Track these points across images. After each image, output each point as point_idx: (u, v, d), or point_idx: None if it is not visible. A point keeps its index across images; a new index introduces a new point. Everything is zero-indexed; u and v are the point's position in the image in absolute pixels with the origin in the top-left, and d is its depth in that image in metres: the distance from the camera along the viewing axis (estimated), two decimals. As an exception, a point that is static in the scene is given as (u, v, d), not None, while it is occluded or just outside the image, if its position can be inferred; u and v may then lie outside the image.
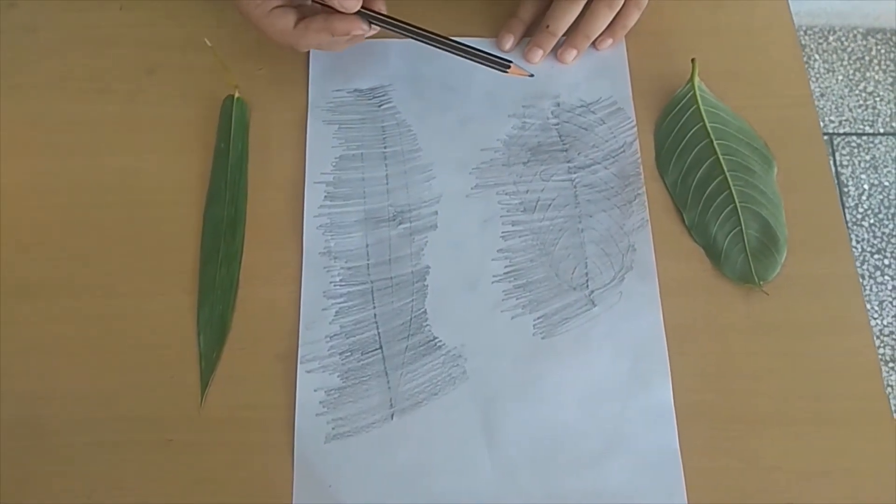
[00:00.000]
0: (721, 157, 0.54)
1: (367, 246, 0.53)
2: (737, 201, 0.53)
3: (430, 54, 0.55)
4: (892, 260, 1.34)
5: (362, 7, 0.50)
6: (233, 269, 0.52)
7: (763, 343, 0.50)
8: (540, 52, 0.57)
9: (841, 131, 1.43)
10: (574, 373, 0.49)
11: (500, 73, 0.54)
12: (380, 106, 0.57)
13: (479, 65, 0.53)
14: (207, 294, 0.51)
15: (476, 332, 0.50)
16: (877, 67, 1.48)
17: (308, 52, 0.58)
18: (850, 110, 1.44)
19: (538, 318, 0.51)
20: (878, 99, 1.45)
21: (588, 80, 0.58)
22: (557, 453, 0.47)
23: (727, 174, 0.54)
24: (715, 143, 0.55)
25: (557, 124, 0.56)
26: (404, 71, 0.58)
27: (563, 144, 0.56)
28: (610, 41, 0.58)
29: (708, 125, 0.55)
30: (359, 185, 0.54)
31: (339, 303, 0.51)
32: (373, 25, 0.51)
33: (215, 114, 0.56)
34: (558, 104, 0.57)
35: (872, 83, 1.47)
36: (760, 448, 0.47)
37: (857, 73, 1.48)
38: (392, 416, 0.48)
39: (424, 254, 0.52)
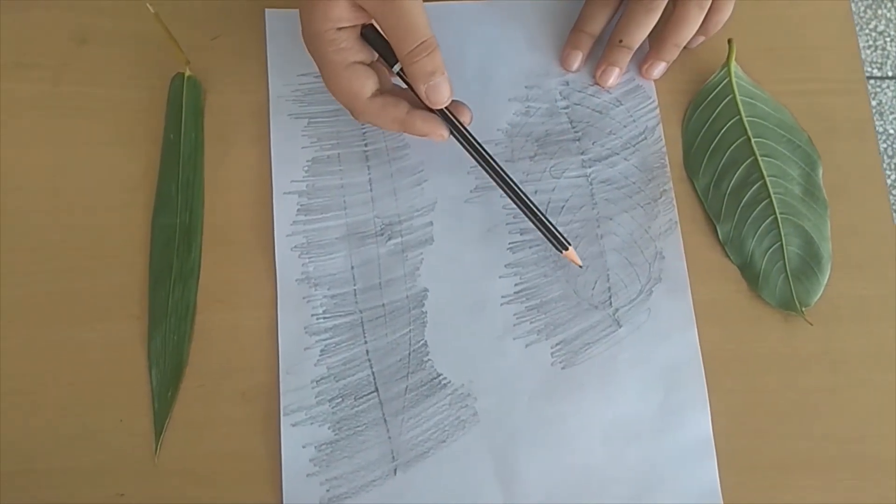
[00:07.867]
0: (760, 158, 0.53)
1: (352, 268, 0.50)
2: (777, 212, 0.52)
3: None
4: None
5: (447, 108, 0.47)
6: (189, 289, 0.49)
7: (805, 377, 0.49)
8: (616, 72, 0.54)
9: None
10: (599, 408, 0.48)
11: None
12: None
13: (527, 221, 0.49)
14: (159, 320, 0.48)
15: (485, 364, 0.48)
16: (889, 5, 1.45)
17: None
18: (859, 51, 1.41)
19: (556, 344, 0.49)
20: (888, 39, 1.43)
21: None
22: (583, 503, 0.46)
23: (766, 179, 0.52)
24: (753, 141, 0.53)
25: (567, 108, 0.54)
26: None
27: (576, 132, 0.53)
28: (702, 38, 0.54)
29: (745, 119, 0.54)
30: (338, 194, 0.51)
31: (324, 339, 0.48)
32: (450, 136, 0.48)
33: (163, 96, 0.52)
34: (567, 83, 0.55)
35: (884, 21, 1.44)
36: (798, 500, 0.47)
37: (867, 11, 1.44)
38: (395, 470, 0.46)
39: (420, 274, 0.50)
